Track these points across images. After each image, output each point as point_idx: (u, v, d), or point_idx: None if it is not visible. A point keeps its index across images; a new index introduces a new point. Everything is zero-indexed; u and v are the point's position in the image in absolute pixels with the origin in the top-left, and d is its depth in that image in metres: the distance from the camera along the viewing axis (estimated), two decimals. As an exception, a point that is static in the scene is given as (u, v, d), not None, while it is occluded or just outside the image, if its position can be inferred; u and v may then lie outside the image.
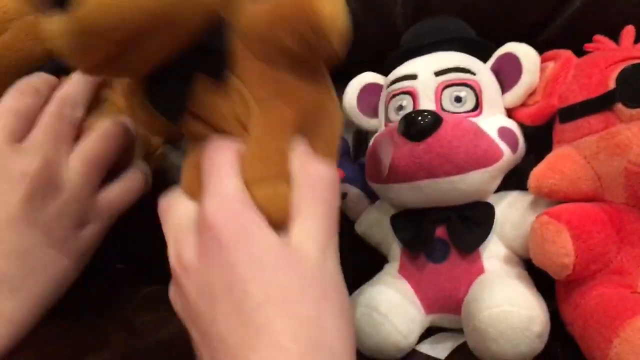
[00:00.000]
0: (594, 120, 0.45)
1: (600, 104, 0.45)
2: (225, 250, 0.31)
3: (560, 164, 0.46)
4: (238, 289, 0.30)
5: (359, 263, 0.62)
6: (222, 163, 0.34)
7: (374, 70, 0.59)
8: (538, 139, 0.52)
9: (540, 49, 0.53)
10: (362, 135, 0.67)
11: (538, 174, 0.47)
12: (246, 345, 0.30)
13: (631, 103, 0.43)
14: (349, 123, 0.60)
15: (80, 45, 0.32)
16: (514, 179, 0.52)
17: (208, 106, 0.37)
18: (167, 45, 0.35)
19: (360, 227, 0.59)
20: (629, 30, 0.52)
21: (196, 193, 0.36)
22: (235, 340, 0.30)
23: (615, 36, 0.53)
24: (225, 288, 0.31)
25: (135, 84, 0.39)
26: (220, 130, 0.37)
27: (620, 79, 0.44)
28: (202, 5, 0.35)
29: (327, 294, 0.32)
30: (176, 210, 0.35)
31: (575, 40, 0.54)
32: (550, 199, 0.47)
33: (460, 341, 0.49)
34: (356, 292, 0.51)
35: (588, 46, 0.53)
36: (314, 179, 0.35)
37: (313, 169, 0.35)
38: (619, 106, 0.44)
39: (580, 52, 0.52)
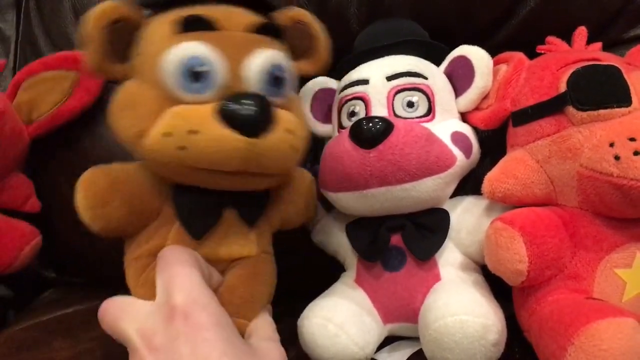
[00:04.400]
0: (545, 124, 0.45)
1: (551, 107, 0.44)
2: (203, 331, 0.36)
3: (514, 169, 0.46)
4: None
5: (316, 271, 0.62)
6: (183, 260, 0.41)
7: (328, 73, 0.58)
8: (494, 143, 0.52)
9: (495, 50, 0.52)
10: (318, 141, 0.65)
11: (492, 178, 0.46)
12: None
13: (582, 106, 0.42)
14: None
15: (242, 160, 0.39)
16: (471, 183, 0.51)
17: (227, 239, 0.45)
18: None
19: (316, 236, 0.58)
20: (581, 32, 0.52)
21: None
22: None
23: (568, 37, 0.52)
24: None
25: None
26: (215, 261, 0.45)
27: (571, 81, 0.44)
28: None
29: None
30: (134, 309, 0.40)
31: (530, 41, 0.54)
32: (505, 203, 0.47)
33: (417, 348, 0.49)
34: (312, 303, 0.49)
35: (540, 48, 0.52)
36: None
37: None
38: (570, 109, 0.43)
39: (534, 54, 0.52)
